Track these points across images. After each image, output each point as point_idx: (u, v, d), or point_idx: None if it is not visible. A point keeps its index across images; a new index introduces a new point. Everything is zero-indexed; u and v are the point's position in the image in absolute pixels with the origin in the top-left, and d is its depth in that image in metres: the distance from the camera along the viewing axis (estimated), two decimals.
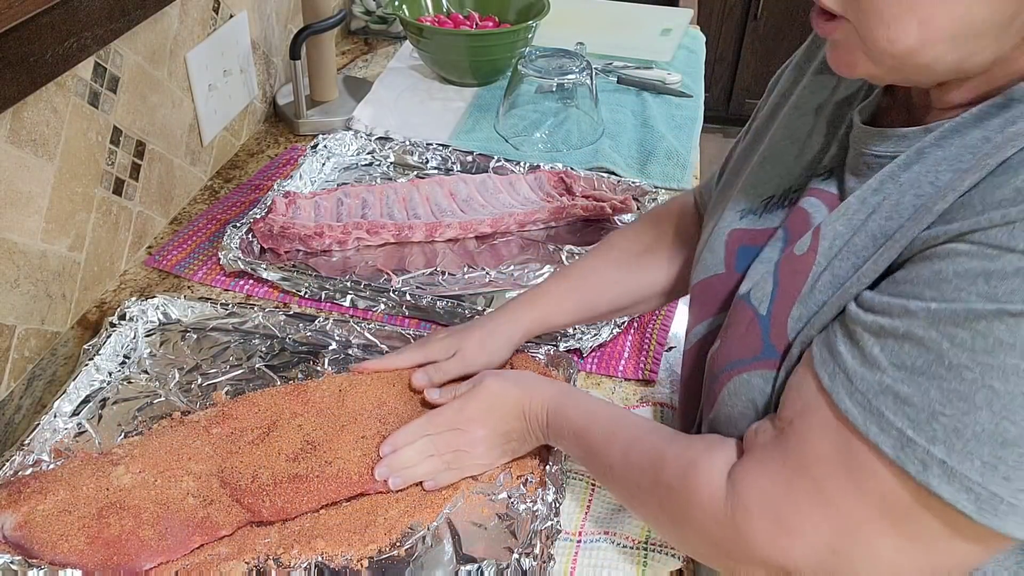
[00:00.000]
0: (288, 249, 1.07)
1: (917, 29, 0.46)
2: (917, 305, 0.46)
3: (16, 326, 0.88)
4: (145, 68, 1.04)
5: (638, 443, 0.65)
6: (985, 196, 0.44)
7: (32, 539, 0.68)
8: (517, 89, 1.35)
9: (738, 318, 0.61)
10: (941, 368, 0.45)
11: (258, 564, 0.70)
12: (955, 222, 0.45)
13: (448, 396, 0.79)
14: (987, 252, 0.43)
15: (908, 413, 0.46)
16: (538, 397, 0.74)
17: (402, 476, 0.75)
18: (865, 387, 0.48)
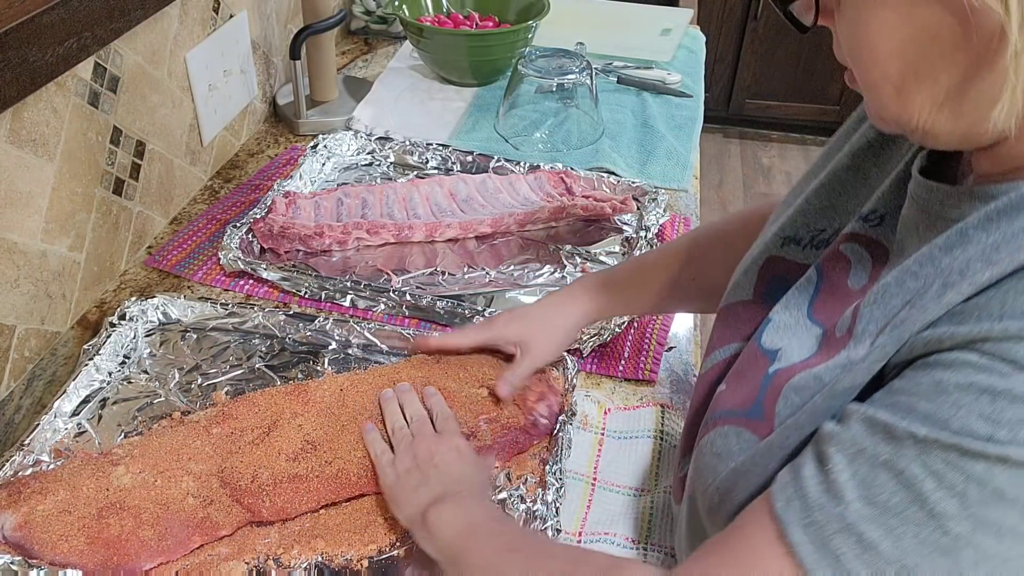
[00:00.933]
0: (288, 249, 1.07)
1: (895, 97, 0.44)
2: (904, 428, 0.39)
3: (16, 326, 0.88)
4: (145, 68, 1.04)
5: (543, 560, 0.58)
6: (1007, 300, 0.38)
7: (32, 539, 0.68)
8: (517, 89, 1.35)
9: (748, 366, 0.55)
10: (921, 513, 0.38)
11: (258, 564, 0.70)
12: (967, 324, 0.39)
13: None
14: (997, 366, 0.37)
15: (871, 561, 0.39)
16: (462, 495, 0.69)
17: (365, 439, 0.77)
18: (823, 519, 0.40)
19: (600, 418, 0.87)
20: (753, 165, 3.32)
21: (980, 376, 0.37)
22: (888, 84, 0.44)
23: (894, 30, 0.42)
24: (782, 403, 0.48)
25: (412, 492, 0.70)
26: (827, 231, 0.60)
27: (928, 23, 0.41)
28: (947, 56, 0.41)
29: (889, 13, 0.42)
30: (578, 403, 0.87)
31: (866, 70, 0.45)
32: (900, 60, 0.43)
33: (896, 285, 0.46)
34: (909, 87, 0.43)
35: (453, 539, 0.64)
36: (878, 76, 0.44)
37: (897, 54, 0.42)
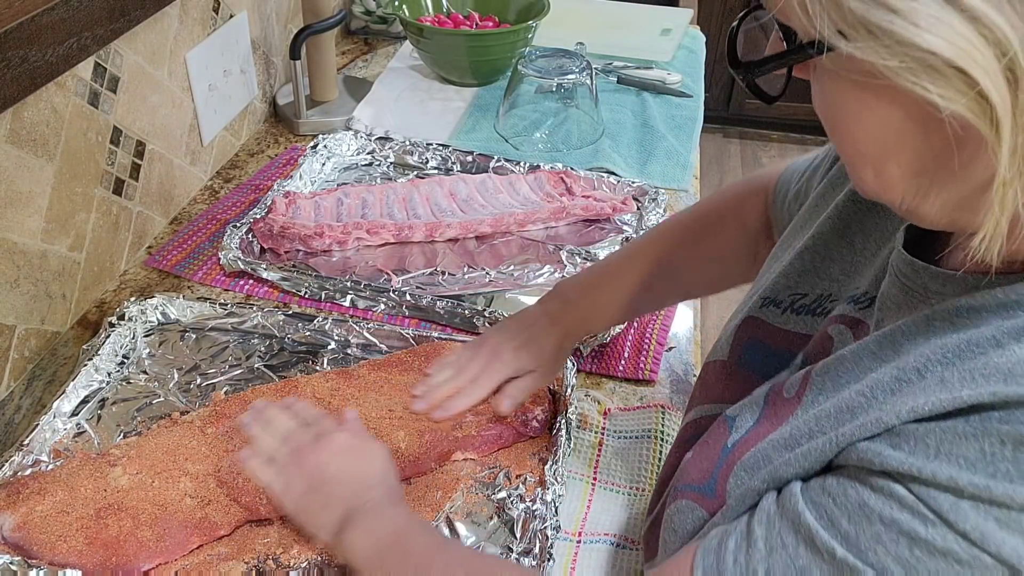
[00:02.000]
0: (288, 249, 1.07)
1: (874, 177, 0.41)
2: (824, 541, 0.39)
3: (16, 326, 0.88)
4: (145, 68, 1.04)
5: None
6: (944, 441, 0.36)
7: (31, 540, 0.68)
8: (517, 89, 1.35)
9: (712, 435, 0.54)
10: None
11: (257, 564, 0.70)
12: (902, 450, 0.37)
13: None
14: (921, 511, 0.36)
15: None
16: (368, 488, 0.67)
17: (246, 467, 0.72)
18: None
19: (600, 418, 0.87)
20: (753, 165, 3.32)
21: (903, 516, 0.37)
22: (867, 164, 0.41)
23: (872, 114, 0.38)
24: (733, 481, 0.48)
25: (318, 516, 0.67)
26: (808, 296, 0.57)
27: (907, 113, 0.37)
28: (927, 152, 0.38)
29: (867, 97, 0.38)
30: (578, 403, 0.87)
31: (841, 145, 0.42)
32: (877, 145, 0.39)
33: (852, 359, 0.45)
34: (889, 172, 0.40)
35: (366, 564, 0.62)
36: (854, 153, 0.41)
37: (874, 139, 0.39)
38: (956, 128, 0.35)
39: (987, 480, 0.34)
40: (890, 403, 0.39)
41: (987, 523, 0.34)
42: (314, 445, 0.70)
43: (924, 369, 0.39)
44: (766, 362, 0.55)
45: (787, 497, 0.43)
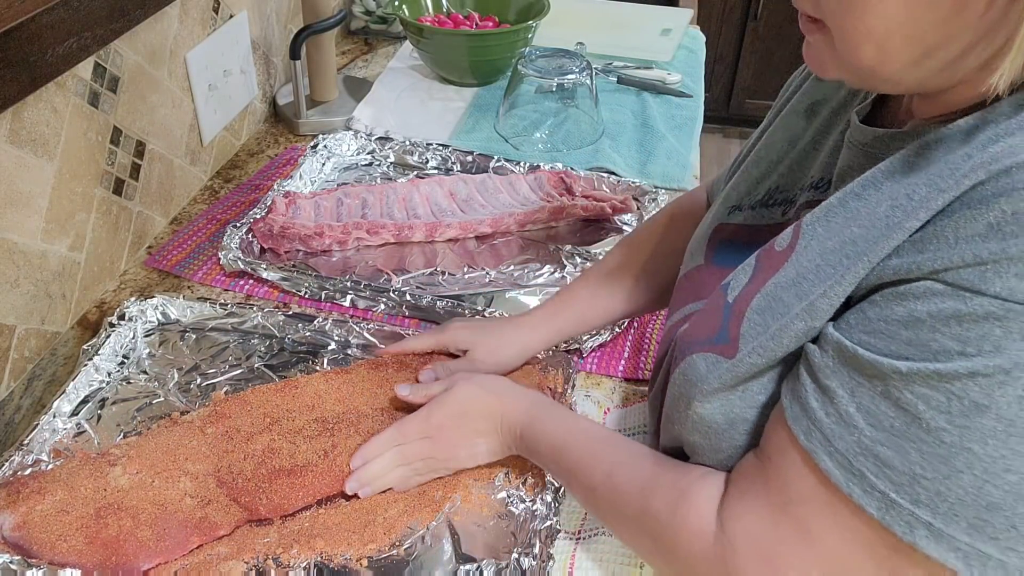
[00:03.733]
0: (288, 249, 1.07)
1: (875, 52, 0.46)
2: (890, 364, 0.44)
3: (16, 326, 0.88)
4: (145, 68, 1.04)
5: (624, 466, 0.63)
6: (958, 228, 0.42)
7: (31, 539, 0.68)
8: (517, 89, 1.35)
9: (711, 304, 0.60)
10: (920, 431, 0.44)
11: (257, 564, 0.70)
12: (926, 252, 0.44)
13: (419, 394, 0.78)
14: (960, 293, 0.42)
15: (890, 475, 0.45)
16: (512, 407, 0.73)
17: (372, 487, 0.75)
18: (844, 447, 0.47)
19: (600, 418, 0.87)
20: None
21: (947, 303, 0.42)
22: (871, 40, 0.45)
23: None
24: (746, 324, 0.53)
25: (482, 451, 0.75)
26: (764, 195, 0.66)
27: None
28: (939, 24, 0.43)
29: None
30: (578, 403, 0.87)
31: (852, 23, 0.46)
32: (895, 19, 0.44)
33: (839, 205, 0.52)
34: (893, 45, 0.45)
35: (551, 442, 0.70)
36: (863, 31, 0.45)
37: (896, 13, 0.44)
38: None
39: (1001, 244, 0.40)
40: (900, 220, 0.45)
41: (1010, 279, 0.40)
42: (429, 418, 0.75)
43: (913, 192, 0.46)
44: (736, 257, 0.61)
45: (836, 345, 0.48)
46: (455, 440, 0.74)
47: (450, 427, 0.74)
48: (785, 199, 0.64)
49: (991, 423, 0.42)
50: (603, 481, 0.63)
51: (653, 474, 0.60)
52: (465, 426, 0.74)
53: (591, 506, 0.67)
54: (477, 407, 0.74)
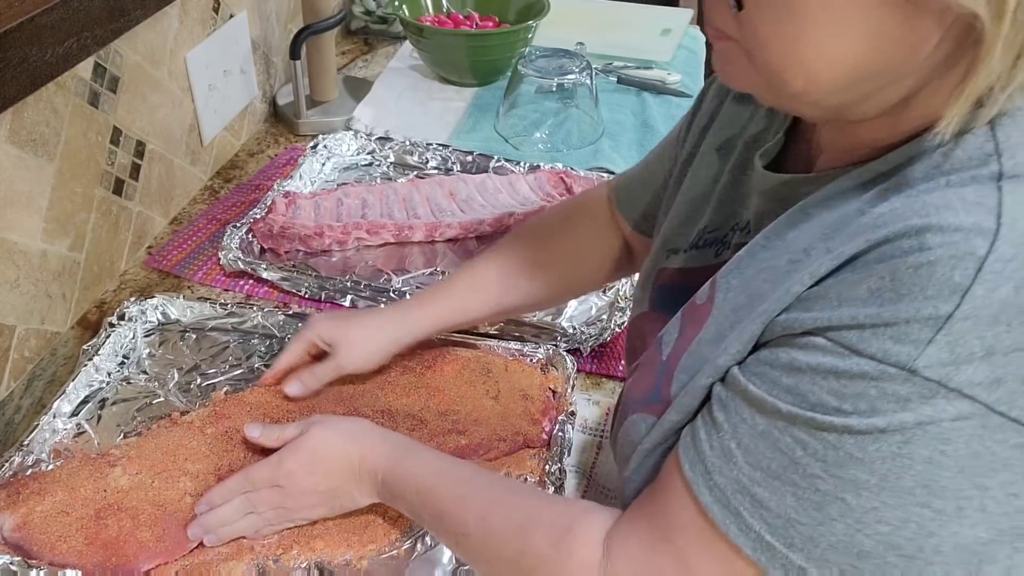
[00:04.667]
0: (288, 249, 1.07)
1: (803, 82, 0.44)
2: (772, 403, 0.45)
3: (16, 326, 0.88)
4: (145, 68, 1.04)
5: (499, 506, 0.60)
6: (841, 291, 0.43)
7: (31, 540, 0.68)
8: (517, 89, 1.34)
9: (648, 358, 0.59)
10: (795, 475, 0.44)
11: (258, 564, 0.70)
12: (813, 311, 0.44)
13: (271, 437, 0.73)
14: (839, 350, 0.42)
15: (765, 516, 0.45)
16: (371, 451, 0.68)
17: (219, 535, 0.70)
18: (723, 483, 0.47)
19: (600, 419, 0.87)
20: None
21: (827, 358, 0.43)
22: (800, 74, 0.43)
23: (860, 20, 0.41)
24: (675, 385, 0.53)
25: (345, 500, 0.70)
26: (696, 237, 0.65)
27: (896, 21, 0.40)
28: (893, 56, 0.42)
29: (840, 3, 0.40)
30: (578, 404, 0.87)
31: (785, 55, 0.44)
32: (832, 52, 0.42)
33: (748, 256, 0.52)
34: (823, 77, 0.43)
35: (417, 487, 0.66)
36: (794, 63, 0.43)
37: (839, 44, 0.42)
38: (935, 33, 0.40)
39: (877, 309, 0.40)
40: (792, 279, 0.46)
41: (885, 342, 0.40)
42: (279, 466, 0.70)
43: (810, 247, 0.46)
44: (677, 301, 0.61)
45: (731, 380, 0.49)
46: (307, 489, 0.69)
47: (302, 476, 0.69)
48: (716, 239, 0.63)
49: (864, 476, 0.42)
50: (477, 525, 0.60)
51: (532, 512, 0.59)
52: (319, 474, 0.69)
53: (463, 552, 0.64)
54: (332, 453, 0.69)
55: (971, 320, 0.38)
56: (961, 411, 0.39)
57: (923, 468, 0.40)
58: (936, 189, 0.42)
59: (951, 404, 0.39)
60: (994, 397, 0.38)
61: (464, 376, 0.86)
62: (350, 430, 0.71)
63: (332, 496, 0.70)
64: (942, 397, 0.39)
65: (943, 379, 0.39)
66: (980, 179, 0.41)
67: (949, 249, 0.39)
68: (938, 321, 0.38)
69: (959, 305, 0.38)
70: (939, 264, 0.39)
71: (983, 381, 0.38)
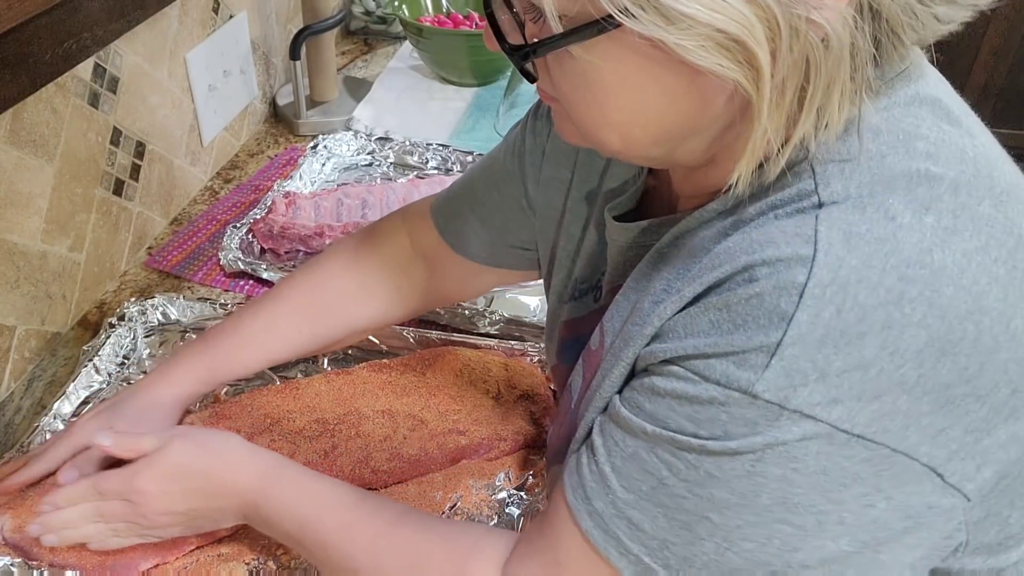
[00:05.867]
0: (288, 249, 1.07)
1: (619, 141, 0.47)
2: (638, 424, 0.46)
3: (16, 327, 0.88)
4: (145, 69, 1.04)
5: (387, 537, 0.58)
6: (687, 324, 0.45)
7: (31, 541, 0.67)
8: (517, 89, 1.34)
9: (562, 408, 0.60)
10: (664, 496, 0.45)
11: (258, 565, 0.70)
12: (667, 342, 0.46)
13: (123, 446, 0.65)
14: (690, 377, 0.43)
15: (642, 539, 0.46)
16: (240, 471, 0.63)
17: (59, 536, 0.65)
18: (601, 507, 0.48)
19: None
20: None
21: (681, 384, 0.44)
22: (614, 131, 0.46)
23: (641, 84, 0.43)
24: (581, 431, 0.54)
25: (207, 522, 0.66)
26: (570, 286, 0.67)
27: (675, 85, 0.43)
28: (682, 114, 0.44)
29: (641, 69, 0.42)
30: None
31: (591, 115, 0.46)
32: (632, 113, 0.45)
33: (623, 299, 0.55)
34: (635, 135, 0.46)
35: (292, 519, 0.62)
36: (603, 123, 0.46)
37: (632, 107, 0.44)
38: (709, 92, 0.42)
39: (718, 339, 0.42)
40: (652, 318, 0.48)
41: (729, 368, 0.41)
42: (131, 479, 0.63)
43: (668, 287, 0.49)
44: (576, 350, 0.62)
45: (609, 408, 0.50)
46: (160, 509, 0.63)
47: (155, 494, 0.62)
48: (590, 287, 0.65)
49: (725, 495, 0.43)
50: (367, 558, 0.58)
51: (424, 547, 0.57)
52: (174, 494, 0.63)
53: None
54: (192, 473, 0.63)
55: (799, 345, 0.39)
56: (806, 431, 0.40)
57: (777, 486, 0.41)
58: (764, 224, 0.44)
59: (795, 425, 0.40)
60: (835, 416, 0.39)
61: (465, 376, 0.86)
62: (215, 446, 0.65)
63: (190, 518, 0.64)
64: (786, 418, 0.40)
65: (782, 401, 0.40)
66: (803, 210, 0.43)
67: (772, 280, 0.41)
68: (770, 348, 0.40)
69: (786, 331, 0.39)
70: (766, 295, 0.41)
71: (821, 401, 0.39)
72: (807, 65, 0.40)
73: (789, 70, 0.40)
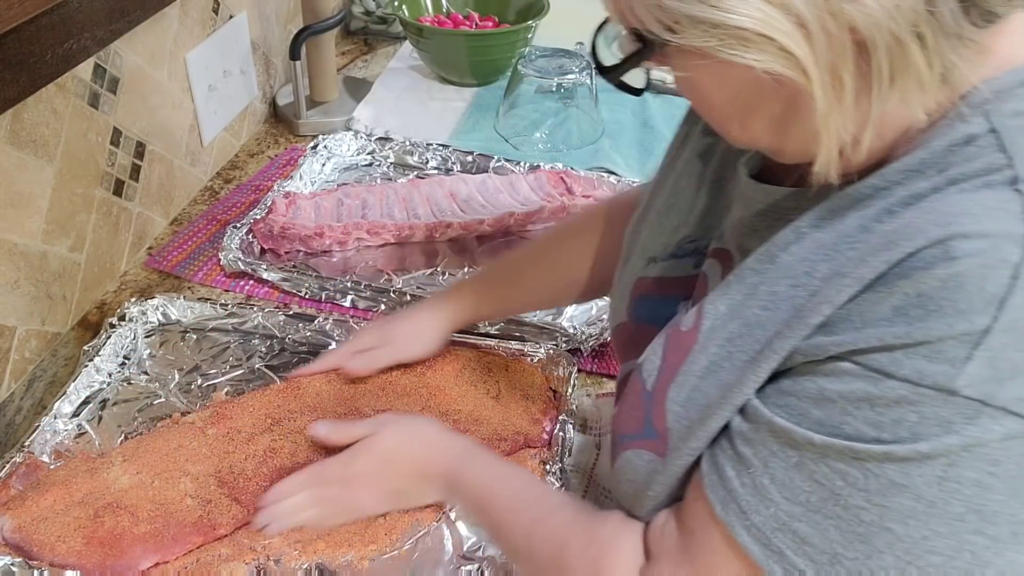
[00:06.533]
0: (288, 249, 1.07)
1: (740, 130, 0.48)
2: (803, 434, 0.43)
3: (17, 327, 0.88)
4: (145, 69, 1.04)
5: (541, 526, 0.60)
6: (864, 311, 0.41)
7: (30, 541, 0.68)
8: (517, 89, 1.34)
9: (630, 389, 0.58)
10: (837, 507, 0.42)
11: (259, 565, 0.70)
12: (834, 335, 0.42)
13: (340, 435, 0.74)
14: (870, 375, 0.40)
15: (809, 553, 0.43)
16: (439, 456, 0.70)
17: (282, 524, 0.71)
18: (760, 522, 0.45)
19: (601, 419, 0.86)
20: None
21: (858, 384, 0.41)
22: (732, 122, 0.49)
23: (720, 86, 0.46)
24: (671, 418, 0.51)
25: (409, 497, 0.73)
26: (675, 246, 0.65)
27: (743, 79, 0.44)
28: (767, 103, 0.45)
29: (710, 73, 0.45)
30: (578, 404, 0.87)
31: (706, 113, 0.50)
32: (732, 107, 0.47)
33: (737, 282, 0.50)
34: (752, 125, 0.48)
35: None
36: (719, 117, 0.49)
37: (728, 104, 0.47)
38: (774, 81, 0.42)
39: (905, 328, 0.39)
40: (806, 306, 0.44)
41: (919, 362, 0.38)
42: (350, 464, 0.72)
43: (812, 270, 0.45)
44: (656, 310, 0.61)
45: (752, 413, 0.46)
46: (373, 490, 0.71)
47: (371, 476, 0.71)
48: (696, 249, 0.63)
49: (910, 503, 0.40)
50: (523, 544, 0.61)
51: (567, 536, 0.58)
52: (387, 476, 0.71)
53: (518, 566, 0.66)
54: (402, 456, 0.71)
55: (1010, 333, 0.36)
56: (1010, 430, 0.37)
57: (973, 492, 0.38)
58: (947, 198, 0.40)
59: (997, 423, 0.37)
60: None
61: (465, 376, 0.86)
62: (421, 433, 0.73)
63: (398, 496, 0.72)
64: (987, 416, 0.37)
65: (986, 398, 0.37)
66: (994, 185, 0.40)
67: (979, 258, 0.37)
68: (974, 336, 0.37)
69: (996, 317, 0.36)
70: (969, 275, 0.37)
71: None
72: (857, 37, 0.39)
73: (833, 49, 0.39)
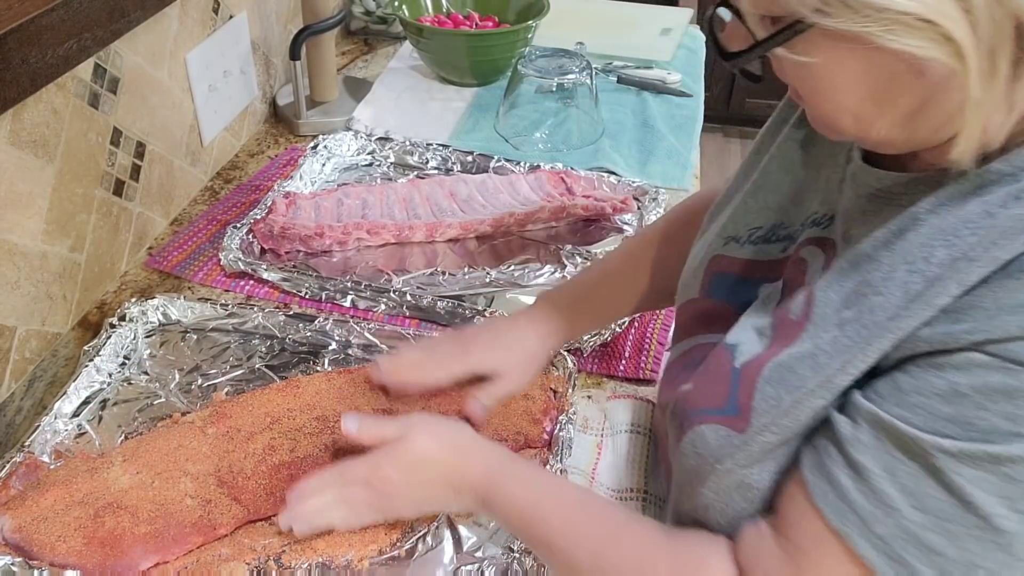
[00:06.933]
0: (288, 250, 1.07)
1: (854, 124, 0.47)
2: (933, 440, 0.40)
3: (17, 327, 0.88)
4: (145, 69, 1.04)
5: (612, 546, 0.57)
6: (999, 298, 0.39)
7: (30, 541, 0.68)
8: (517, 89, 1.34)
9: (714, 365, 0.56)
10: (974, 516, 0.40)
11: (259, 564, 0.70)
12: (964, 323, 0.40)
13: (369, 433, 0.69)
14: (1007, 366, 0.38)
15: (942, 564, 0.41)
16: (473, 466, 0.66)
17: (307, 525, 0.68)
18: (883, 532, 0.43)
19: (601, 419, 0.87)
20: None
21: (994, 377, 0.39)
22: (847, 114, 0.46)
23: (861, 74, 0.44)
24: (758, 397, 0.50)
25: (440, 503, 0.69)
26: (762, 228, 0.63)
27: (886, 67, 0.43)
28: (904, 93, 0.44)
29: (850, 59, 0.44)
30: (578, 404, 0.87)
31: (822, 104, 0.48)
32: (858, 97, 0.45)
33: (851, 268, 0.49)
34: (867, 115, 0.46)
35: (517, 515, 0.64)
36: (835, 108, 0.47)
37: (856, 91, 0.45)
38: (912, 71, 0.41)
39: None
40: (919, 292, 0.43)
41: None
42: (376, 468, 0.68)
43: (929, 255, 0.43)
44: (733, 291, 0.60)
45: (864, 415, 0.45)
46: (400, 495, 0.67)
47: (398, 481, 0.67)
48: (787, 235, 0.62)
49: None
50: (590, 562, 0.57)
51: (645, 551, 0.56)
52: (415, 483, 0.67)
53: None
54: (432, 464, 0.67)
55: None
56: None
57: None
58: None
59: None
60: None
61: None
62: (454, 440, 0.68)
63: (426, 503, 0.68)
64: None
65: None
66: None
67: None
68: None
69: None
70: None
71: None
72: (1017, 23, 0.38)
73: (995, 36, 0.39)
